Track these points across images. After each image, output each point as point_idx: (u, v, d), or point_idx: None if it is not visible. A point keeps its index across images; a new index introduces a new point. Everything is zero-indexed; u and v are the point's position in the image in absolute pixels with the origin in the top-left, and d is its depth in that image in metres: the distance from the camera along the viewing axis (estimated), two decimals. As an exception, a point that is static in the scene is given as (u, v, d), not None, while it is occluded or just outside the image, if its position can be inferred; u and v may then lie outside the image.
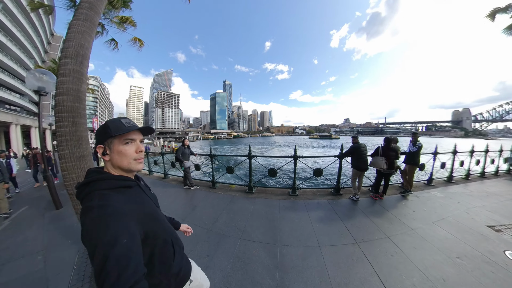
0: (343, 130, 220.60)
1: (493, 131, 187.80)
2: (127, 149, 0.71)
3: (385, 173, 3.82)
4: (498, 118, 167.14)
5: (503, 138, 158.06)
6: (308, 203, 3.55)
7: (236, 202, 3.71)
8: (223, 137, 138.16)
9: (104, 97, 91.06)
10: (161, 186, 5.25)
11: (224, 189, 4.53)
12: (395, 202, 3.71)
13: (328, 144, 55.98)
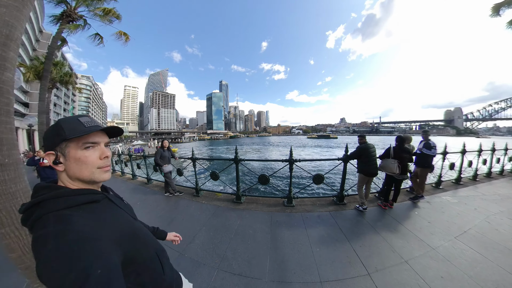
0: (339, 129, 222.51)
1: (483, 130, 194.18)
2: (88, 155, 0.57)
3: (396, 179, 3.29)
4: (487, 117, 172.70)
5: (492, 136, 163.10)
6: (306, 217, 2.99)
7: (220, 215, 3.13)
8: (219, 137, 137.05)
9: (97, 97, 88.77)
10: (141, 193, 4.66)
11: (209, 198, 3.94)
12: (407, 211, 3.23)
13: (327, 143, 55.91)
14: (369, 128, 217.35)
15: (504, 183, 5.01)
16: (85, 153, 0.56)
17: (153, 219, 3.18)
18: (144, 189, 5.01)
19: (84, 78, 73.26)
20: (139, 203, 4.01)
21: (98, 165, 0.59)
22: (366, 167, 3.26)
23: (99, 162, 0.59)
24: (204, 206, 3.51)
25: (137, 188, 5.20)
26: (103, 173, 0.60)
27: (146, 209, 3.60)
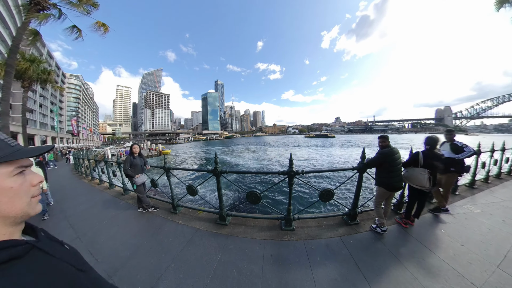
0: (334, 128, 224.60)
1: (472, 127, 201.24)
2: (21, 182, 0.46)
3: (423, 191, 2.62)
4: (475, 115, 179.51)
5: (480, 133, 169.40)
6: (311, 246, 2.30)
7: (198, 243, 2.43)
8: (215, 137, 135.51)
9: (88, 98, 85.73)
10: (113, 207, 3.96)
11: (187, 216, 3.21)
12: (430, 228, 2.68)
13: (323, 142, 55.58)
14: (363, 127, 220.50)
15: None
16: (17, 180, 0.44)
17: (116, 246, 2.51)
18: (117, 202, 4.29)
19: (73, 77, 70.45)
20: (106, 221, 3.31)
21: (33, 193, 0.48)
22: (388, 178, 2.53)
23: (33, 190, 0.48)
24: (179, 228, 2.82)
25: (110, 200, 4.47)
26: (36, 203, 0.49)
27: (111, 231, 2.91)
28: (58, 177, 8.70)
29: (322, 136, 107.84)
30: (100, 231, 3.02)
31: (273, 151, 33.64)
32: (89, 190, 5.59)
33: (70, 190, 5.93)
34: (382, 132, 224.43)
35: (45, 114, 42.03)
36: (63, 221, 3.57)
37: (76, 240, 2.83)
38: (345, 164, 17.02)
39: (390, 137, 2.74)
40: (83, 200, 4.74)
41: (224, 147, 48.33)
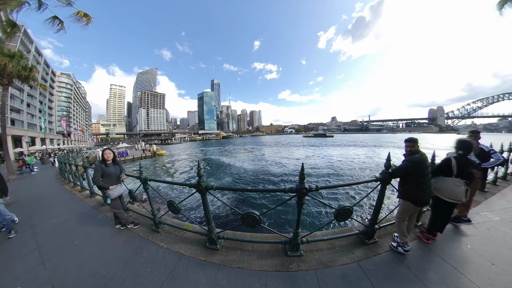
0: (331, 128, 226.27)
1: (463, 127, 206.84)
2: None
3: (451, 203, 2.26)
4: (466, 115, 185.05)
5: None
6: (324, 279, 1.85)
7: (181, 277, 1.94)
8: (211, 138, 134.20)
9: (80, 97, 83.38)
10: (89, 222, 3.47)
11: (172, 236, 2.74)
12: (455, 245, 2.36)
13: (324, 142, 55.43)
14: (359, 126, 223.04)
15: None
16: None
17: (83, 278, 2.05)
18: (95, 214, 3.81)
19: (63, 75, 68.24)
20: (78, 241, 2.85)
21: None
22: (417, 191, 2.09)
23: None
24: (161, 254, 2.35)
25: (88, 213, 3.98)
26: None
27: (80, 256, 2.44)
28: (38, 183, 8.07)
29: (320, 135, 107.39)
30: (68, 254, 2.55)
31: (271, 151, 33.18)
32: (68, 199, 5.06)
33: (48, 199, 5.38)
34: (377, 132, 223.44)
35: (33, 114, 40.43)
36: (30, 240, 3.07)
37: (39, 266, 2.36)
38: (351, 166, 16.57)
39: (386, 137, 2.42)
40: (59, 212, 4.23)
41: (220, 147, 47.65)
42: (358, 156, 22.44)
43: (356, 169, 15.36)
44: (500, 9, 8.25)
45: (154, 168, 21.11)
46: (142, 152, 32.21)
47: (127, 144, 40.07)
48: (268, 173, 14.64)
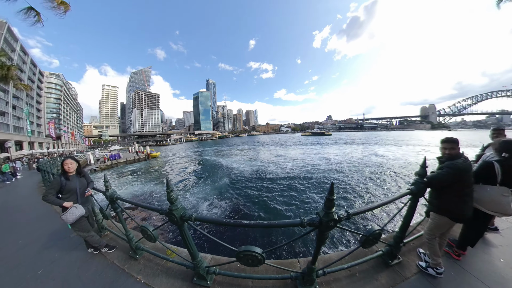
0: (326, 126, 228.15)
1: (453, 124, 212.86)
2: None
3: (488, 214, 1.97)
4: (457, 112, 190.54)
5: (461, 129, 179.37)
6: None
7: None
8: (207, 138, 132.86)
9: (70, 98, 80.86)
10: (58, 245, 3.04)
11: (152, 265, 2.32)
12: (487, 260, 2.10)
13: (323, 140, 55.37)
14: (354, 124, 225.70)
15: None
16: None
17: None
18: (67, 234, 3.36)
19: (52, 76, 65.91)
20: (41, 271, 2.43)
21: None
22: (458, 204, 1.75)
23: None
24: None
25: (59, 231, 3.54)
26: None
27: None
28: (17, 193, 7.47)
29: (318, 134, 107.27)
30: (31, 282, 2.16)
31: (270, 152, 32.57)
32: (43, 214, 4.58)
33: (21, 213, 4.87)
34: (372, 130, 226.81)
35: (20, 117, 38.83)
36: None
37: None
38: (351, 163, 16.32)
39: (380, 134, 2.13)
40: (30, 230, 3.77)
41: (216, 147, 47.02)
42: (367, 156, 21.83)
43: (374, 173, 14.76)
44: (498, 4, 8.18)
45: (147, 171, 20.48)
46: (135, 155, 31.36)
47: (119, 147, 39.00)
48: (269, 176, 14.09)
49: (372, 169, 14.57)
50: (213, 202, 9.74)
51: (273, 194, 10.06)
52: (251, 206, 8.70)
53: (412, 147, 28.53)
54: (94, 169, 21.28)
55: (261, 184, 12.26)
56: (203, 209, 8.88)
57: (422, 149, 25.77)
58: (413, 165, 15.51)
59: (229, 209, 8.52)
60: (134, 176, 17.87)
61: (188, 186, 13.21)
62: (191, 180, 15.01)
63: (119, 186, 14.06)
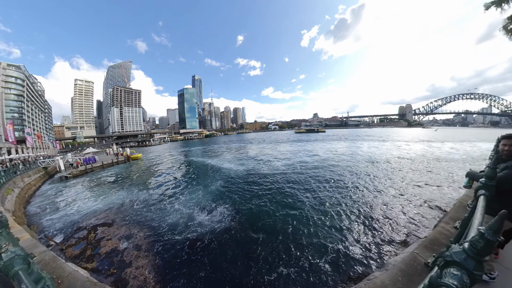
0: (313, 124, 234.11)
1: (426, 122, 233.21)
2: None
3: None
4: (429, 112, 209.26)
5: (433, 127, 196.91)
6: None
7: None
8: (194, 137, 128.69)
9: (36, 95, 72.05)
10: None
11: None
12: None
13: (319, 137, 56.06)
14: (339, 122, 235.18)
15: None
16: None
17: None
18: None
19: (11, 68, 57.81)
20: None
21: None
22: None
23: None
24: None
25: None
26: None
27: None
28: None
29: (311, 131, 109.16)
30: None
31: (261, 153, 29.83)
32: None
33: None
34: (355, 127, 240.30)
35: (-31, 117, 33.42)
36: None
37: None
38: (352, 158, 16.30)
39: (363, 131, 1.64)
40: None
41: (205, 147, 45.21)
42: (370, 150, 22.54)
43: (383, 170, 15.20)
44: (487, 9, 8.32)
45: (127, 175, 18.65)
46: (114, 157, 28.75)
47: (95, 149, 35.57)
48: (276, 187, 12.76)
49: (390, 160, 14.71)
50: (212, 209, 8.81)
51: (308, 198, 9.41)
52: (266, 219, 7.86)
53: (404, 143, 29.95)
54: (65, 176, 18.86)
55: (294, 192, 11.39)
56: (200, 219, 7.93)
57: (399, 145, 27.12)
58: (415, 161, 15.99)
59: (235, 220, 7.64)
60: (112, 183, 16.10)
61: (177, 192, 12.04)
62: (179, 184, 13.81)
63: (94, 196, 12.42)
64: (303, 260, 5.17)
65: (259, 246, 5.92)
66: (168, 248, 6.16)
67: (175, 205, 9.84)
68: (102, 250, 6.27)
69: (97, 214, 9.30)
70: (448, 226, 3.65)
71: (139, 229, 7.51)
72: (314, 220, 7.30)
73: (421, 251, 2.86)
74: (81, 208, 10.38)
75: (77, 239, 7.17)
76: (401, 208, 8.00)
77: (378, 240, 5.86)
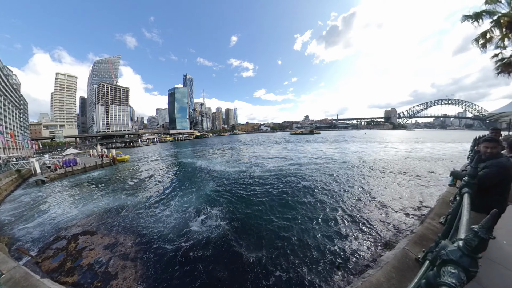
0: (304, 125, 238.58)
1: (409, 124, 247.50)
2: None
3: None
4: (412, 115, 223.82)
5: (415, 129, 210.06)
6: None
7: None
8: (184, 138, 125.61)
9: (9, 89, 66.16)
10: None
11: None
12: (492, 243, 2.18)
13: (317, 139, 56.69)
14: (329, 124, 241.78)
15: None
16: None
17: None
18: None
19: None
20: None
21: None
22: (501, 202, 1.92)
23: None
24: None
25: None
26: None
27: None
28: None
29: (308, 133, 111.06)
30: None
31: (266, 157, 25.14)
32: None
33: None
34: (344, 129, 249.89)
35: None
36: None
37: None
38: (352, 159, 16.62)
39: (352, 133, 1.73)
40: None
41: (196, 148, 44.22)
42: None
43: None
44: (463, 22, 9.02)
45: (112, 179, 17.71)
46: (98, 159, 27.20)
47: (76, 150, 33.45)
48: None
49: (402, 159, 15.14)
50: (206, 215, 8.51)
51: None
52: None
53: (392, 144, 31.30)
54: (42, 180, 17.47)
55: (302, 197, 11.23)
56: (193, 226, 7.60)
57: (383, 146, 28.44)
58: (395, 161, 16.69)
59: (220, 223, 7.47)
60: (95, 187, 15.20)
61: (167, 196, 11.58)
62: (169, 188, 13.32)
63: (75, 202, 11.61)
64: (298, 263, 5.16)
65: (252, 251, 5.82)
66: (158, 257, 5.80)
67: (165, 211, 9.34)
68: (84, 262, 5.79)
69: (78, 222, 8.66)
70: (434, 222, 3.85)
71: (125, 237, 7.08)
72: (307, 221, 7.35)
73: (411, 247, 3.01)
74: (59, 216, 9.62)
75: (55, 250, 6.59)
76: (389, 205, 8.30)
77: (369, 238, 6.01)
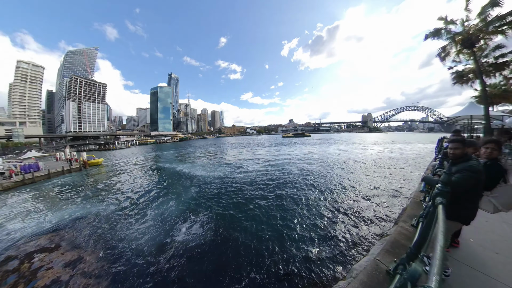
0: (288, 129, 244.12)
1: (383, 128, 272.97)
2: None
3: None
4: (385, 119, 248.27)
5: (388, 132, 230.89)
6: None
7: None
8: (166, 140, 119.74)
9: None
10: None
11: None
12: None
13: (283, 141, 57.78)
14: (312, 127, 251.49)
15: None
16: None
17: None
18: None
19: None
20: None
21: None
22: (472, 209, 1.88)
23: None
24: None
25: None
26: None
27: None
28: None
29: (299, 135, 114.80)
30: None
31: (263, 162, 24.70)
32: None
33: None
34: (326, 132, 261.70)
35: None
36: None
37: None
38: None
39: (334, 135, 1.85)
40: None
41: (178, 151, 42.27)
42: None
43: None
44: (425, 39, 10.14)
45: (82, 186, 15.99)
46: (66, 163, 24.48)
47: (39, 153, 29.73)
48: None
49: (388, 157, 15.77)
50: (187, 225, 7.99)
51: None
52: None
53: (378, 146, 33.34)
54: None
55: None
56: (171, 238, 7.09)
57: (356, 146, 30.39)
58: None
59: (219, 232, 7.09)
60: (60, 197, 13.58)
61: (143, 205, 10.75)
62: (146, 195, 12.41)
63: (33, 215, 10.18)
64: (271, 272, 5.13)
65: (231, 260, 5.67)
66: (129, 272, 5.38)
67: (139, 221, 8.66)
68: (39, 283, 5.15)
69: (35, 238, 7.60)
70: (406, 225, 4.00)
71: (91, 251, 6.39)
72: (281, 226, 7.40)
73: (383, 257, 2.90)
74: (12, 232, 8.33)
75: (4, 272, 5.73)
76: (362, 206, 8.71)
77: (342, 243, 6.13)
